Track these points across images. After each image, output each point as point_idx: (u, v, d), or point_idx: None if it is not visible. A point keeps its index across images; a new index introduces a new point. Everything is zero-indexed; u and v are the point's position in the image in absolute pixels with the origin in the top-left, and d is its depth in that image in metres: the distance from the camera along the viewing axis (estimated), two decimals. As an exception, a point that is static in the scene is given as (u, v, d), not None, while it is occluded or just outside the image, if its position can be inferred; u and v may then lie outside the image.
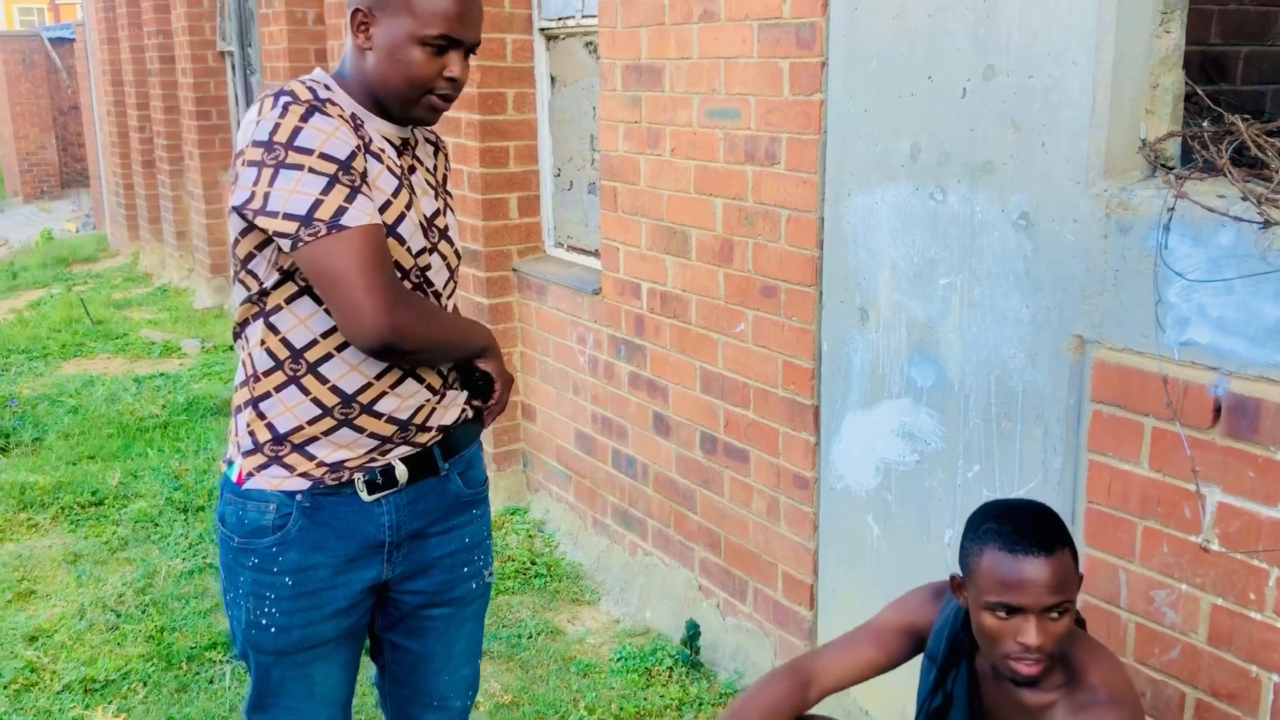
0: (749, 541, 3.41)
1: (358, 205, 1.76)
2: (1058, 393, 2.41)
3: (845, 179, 2.87)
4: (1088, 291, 2.31)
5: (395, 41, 1.85)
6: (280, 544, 1.95)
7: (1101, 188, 2.27)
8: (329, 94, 1.87)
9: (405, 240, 1.90)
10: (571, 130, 4.35)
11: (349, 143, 1.79)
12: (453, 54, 1.88)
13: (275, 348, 1.90)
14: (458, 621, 2.22)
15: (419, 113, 1.93)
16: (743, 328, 3.28)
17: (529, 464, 4.68)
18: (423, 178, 2.03)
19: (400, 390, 1.96)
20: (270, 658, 2.03)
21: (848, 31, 2.80)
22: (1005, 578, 1.84)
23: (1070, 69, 2.29)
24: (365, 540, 2.01)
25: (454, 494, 2.13)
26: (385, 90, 1.89)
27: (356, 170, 1.78)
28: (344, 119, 1.82)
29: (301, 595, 1.98)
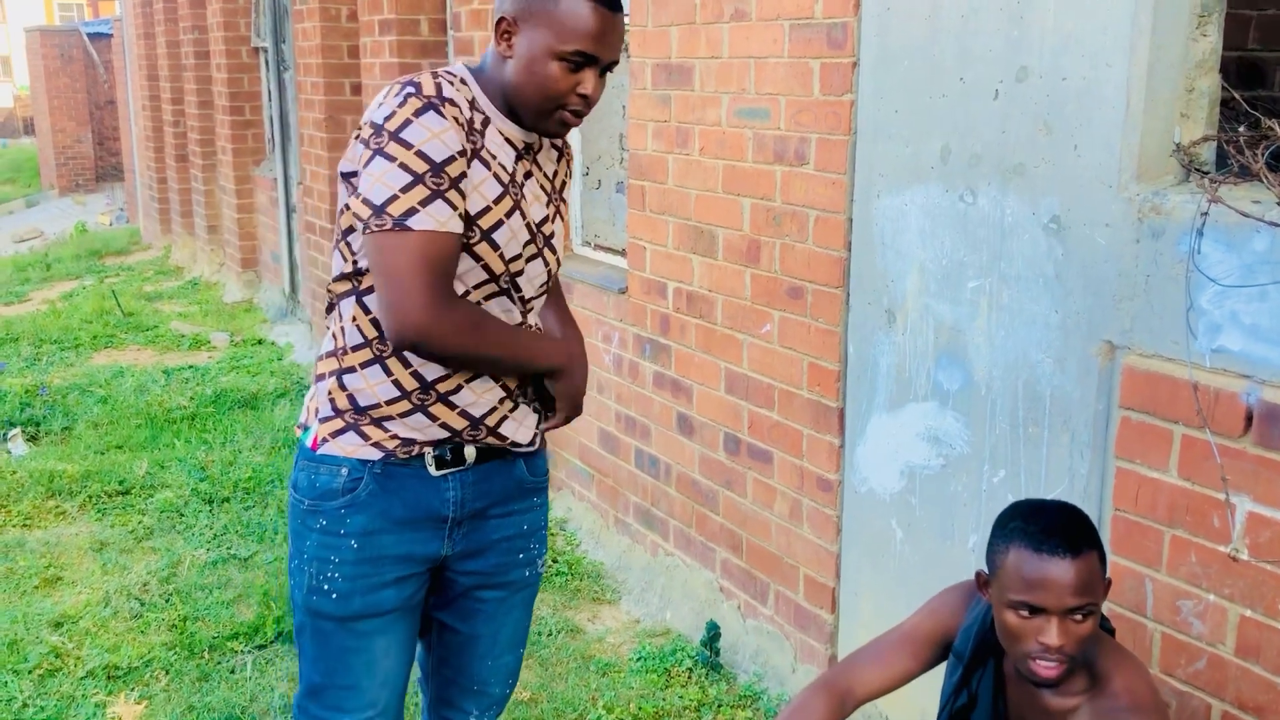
0: (771, 544, 3.39)
1: (432, 210, 1.80)
2: (1086, 398, 2.38)
3: (874, 180, 2.85)
4: (1118, 296, 2.28)
5: (534, 53, 1.87)
6: (349, 506, 1.99)
7: (1134, 191, 2.24)
8: (459, 90, 1.90)
9: (499, 246, 1.93)
10: (601, 129, 4.35)
11: (451, 147, 1.82)
12: (588, 71, 1.90)
13: (365, 326, 1.95)
14: (507, 606, 2.24)
15: (549, 125, 1.95)
16: (768, 329, 3.27)
17: (552, 462, 4.68)
18: (538, 184, 2.06)
19: (475, 385, 1.99)
20: (332, 624, 2.05)
21: (879, 32, 2.78)
22: (1029, 577, 1.82)
23: (1104, 71, 2.26)
24: (430, 513, 2.05)
25: (518, 478, 2.17)
26: (519, 98, 1.92)
27: (449, 174, 1.81)
28: (459, 122, 1.85)
29: (364, 561, 2.02)
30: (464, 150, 1.85)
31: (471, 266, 1.93)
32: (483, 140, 1.92)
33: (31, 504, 4.70)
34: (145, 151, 11.76)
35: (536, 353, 2.06)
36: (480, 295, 1.97)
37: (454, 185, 1.83)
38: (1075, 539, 1.84)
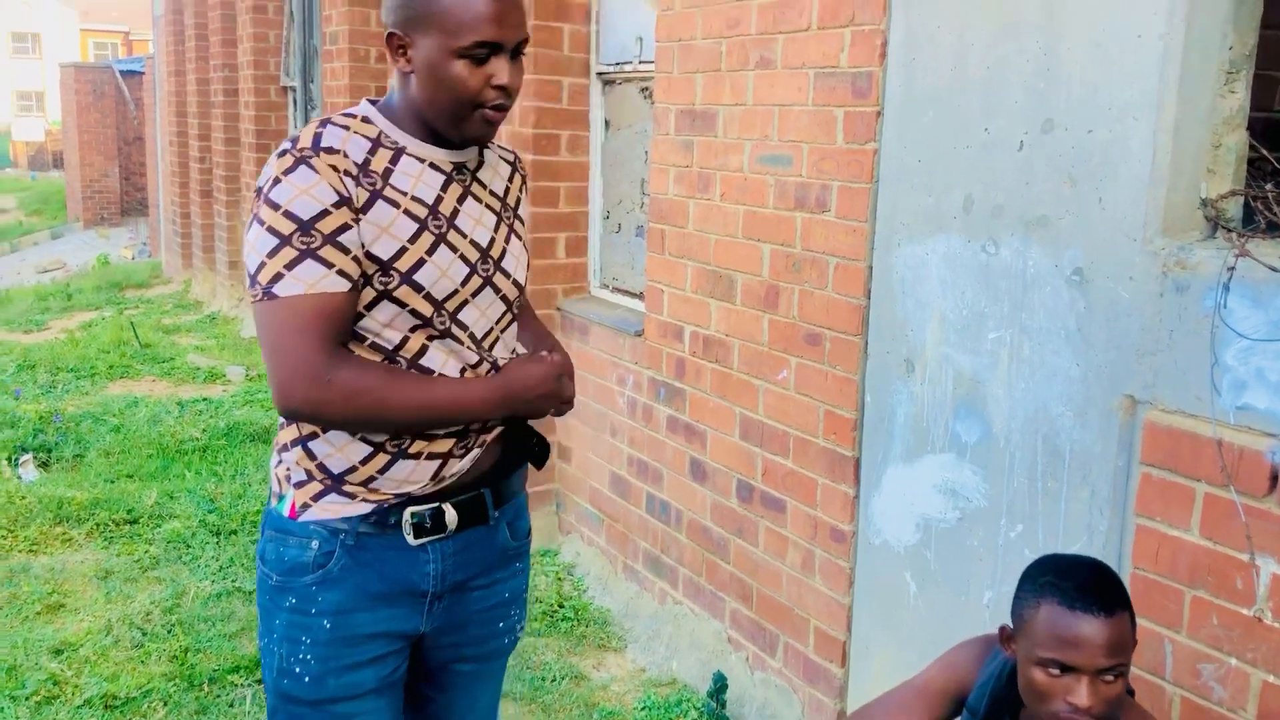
0: (782, 594, 3.34)
1: (299, 272, 1.68)
2: (1106, 453, 2.35)
3: (896, 229, 2.84)
4: (1141, 351, 2.26)
5: (433, 59, 1.74)
6: (321, 582, 1.84)
7: (1159, 245, 2.22)
8: (351, 133, 1.78)
9: (424, 287, 1.78)
10: (623, 173, 4.37)
11: (322, 200, 1.69)
12: (496, 60, 1.75)
13: None
14: (485, 675, 2.13)
15: (473, 130, 1.80)
16: (785, 375, 3.24)
17: (562, 506, 4.65)
18: (482, 204, 1.91)
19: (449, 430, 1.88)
20: (306, 708, 1.89)
21: (904, 81, 2.78)
22: (1062, 634, 1.77)
23: (1131, 125, 2.25)
24: (408, 587, 1.90)
25: (501, 545, 2.03)
26: (433, 112, 1.79)
27: (320, 231, 1.68)
28: (337, 170, 1.71)
29: (339, 640, 1.86)
30: (343, 200, 1.71)
31: (397, 313, 1.78)
32: (388, 179, 1.78)
33: (39, 529, 4.68)
34: (170, 186, 11.88)
35: (463, 400, 1.83)
36: (421, 339, 1.82)
37: (329, 240, 1.69)
38: (1110, 597, 1.79)
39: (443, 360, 1.84)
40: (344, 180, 1.72)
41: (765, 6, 3.21)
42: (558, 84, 4.34)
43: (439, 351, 1.84)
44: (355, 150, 1.77)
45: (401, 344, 1.81)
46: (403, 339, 1.81)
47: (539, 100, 4.31)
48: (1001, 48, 2.51)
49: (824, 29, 2.99)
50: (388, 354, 1.81)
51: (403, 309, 1.78)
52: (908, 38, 2.76)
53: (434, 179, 1.84)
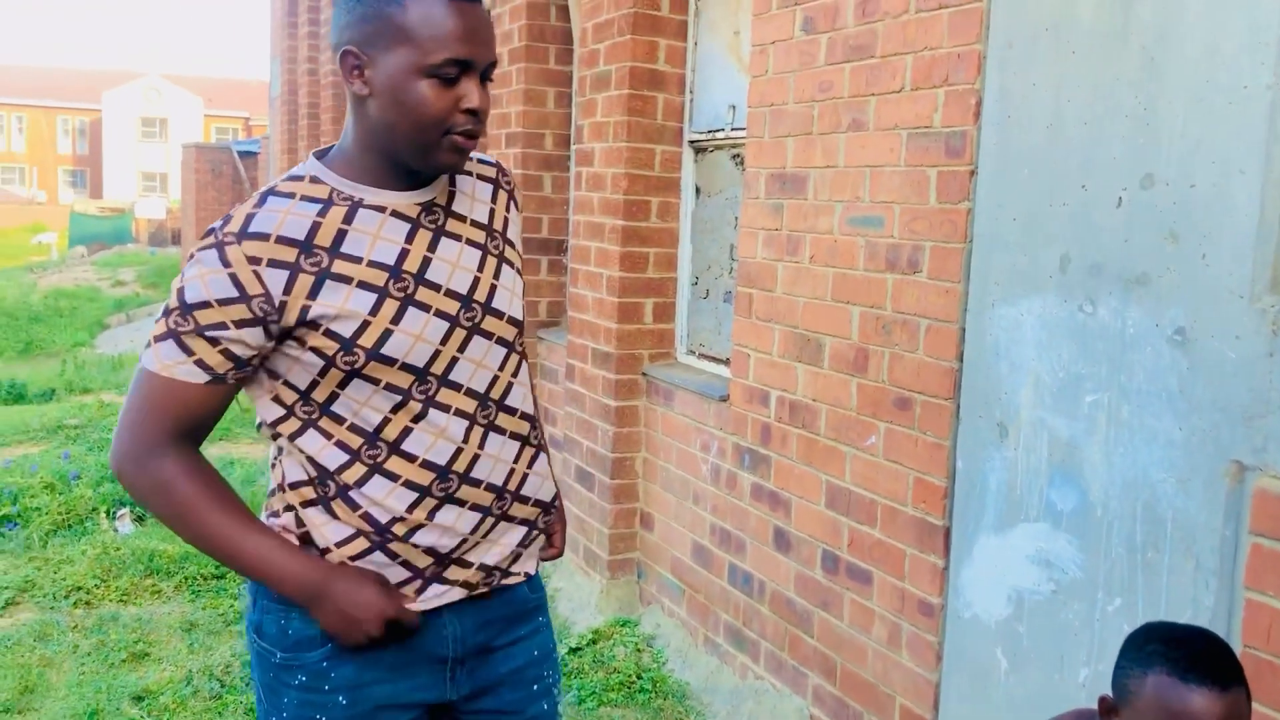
0: (867, 670, 3.22)
1: (159, 350, 1.60)
2: (1212, 522, 2.22)
3: (989, 289, 2.76)
4: (1249, 414, 2.14)
5: (396, 79, 1.58)
6: (332, 657, 1.72)
7: (1268, 303, 2.12)
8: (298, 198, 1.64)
9: (397, 359, 1.64)
10: (712, 240, 4.37)
11: (211, 292, 1.56)
12: (466, 81, 1.60)
13: (304, 464, 1.72)
14: None
15: (441, 158, 1.63)
16: (873, 441, 3.16)
17: (644, 575, 4.57)
18: (463, 241, 1.75)
19: (442, 517, 1.74)
20: None
21: (999, 140, 2.73)
22: (1174, 708, 1.62)
23: (1237, 178, 2.17)
24: (426, 653, 1.79)
25: (519, 600, 1.91)
26: (395, 138, 1.62)
27: (196, 319, 1.57)
28: (255, 261, 1.56)
29: (357, 717, 1.75)
30: (243, 298, 1.56)
31: (374, 390, 1.66)
32: (339, 247, 1.62)
33: (130, 581, 4.76)
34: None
35: (266, 569, 1.66)
36: (404, 421, 1.68)
37: (200, 331, 1.57)
38: (1226, 670, 1.65)
39: (430, 443, 1.70)
40: (263, 274, 1.57)
41: (858, 69, 3.20)
42: (650, 151, 4.38)
43: (425, 434, 1.70)
44: (295, 228, 1.61)
45: (381, 425, 1.68)
46: (383, 420, 1.68)
47: (630, 167, 4.35)
48: (1100, 104, 2.46)
49: (917, 89, 2.97)
50: (368, 437, 1.68)
51: (377, 385, 1.66)
52: (1002, 96, 2.72)
53: (397, 230, 1.67)
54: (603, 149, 4.50)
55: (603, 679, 4.03)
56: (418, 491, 1.71)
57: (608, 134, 4.47)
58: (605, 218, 4.46)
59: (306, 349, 1.62)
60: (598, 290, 4.55)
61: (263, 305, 1.58)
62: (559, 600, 4.82)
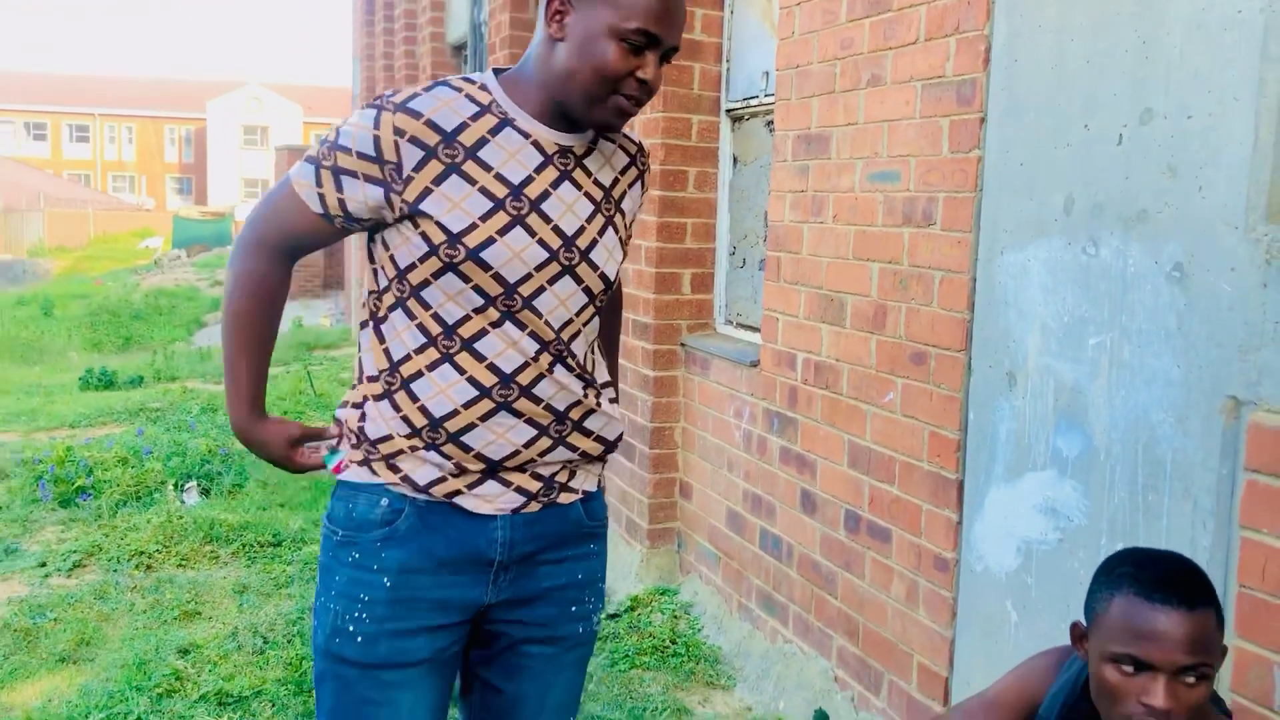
0: (887, 629, 3.19)
1: (299, 170, 1.78)
2: (1209, 461, 2.17)
3: (998, 236, 2.73)
4: (1244, 347, 2.09)
5: (591, 33, 1.70)
6: (386, 539, 1.82)
7: (1262, 232, 2.06)
8: (463, 94, 1.78)
9: (492, 266, 1.75)
10: (748, 208, 4.37)
11: (355, 143, 1.73)
12: (649, 54, 1.72)
13: (381, 355, 1.84)
14: (557, 665, 1.99)
15: (603, 114, 1.75)
16: (891, 397, 3.14)
17: (683, 544, 4.59)
18: (581, 190, 1.84)
19: (493, 423, 1.81)
20: (355, 671, 1.83)
21: (1007, 84, 2.70)
22: (1137, 627, 1.60)
23: (1232, 106, 2.12)
24: (474, 554, 1.85)
25: (575, 520, 1.95)
26: (571, 85, 1.73)
27: (334, 156, 1.74)
28: (399, 132, 1.72)
29: (397, 601, 1.82)
30: (377, 158, 1.72)
31: (462, 288, 1.76)
32: (476, 151, 1.75)
33: (190, 546, 4.93)
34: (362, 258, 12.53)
35: (229, 386, 1.87)
36: (482, 323, 1.78)
37: (333, 170, 1.75)
38: (1193, 590, 1.61)
39: (500, 349, 1.79)
40: (401, 146, 1.71)
41: (876, 24, 3.18)
42: (687, 121, 4.40)
43: (498, 340, 1.79)
44: (447, 118, 1.74)
45: (461, 322, 1.78)
46: (463, 317, 1.77)
47: (667, 137, 4.37)
48: (1101, 40, 2.41)
49: (930, 40, 2.94)
50: (446, 328, 1.78)
51: (467, 284, 1.75)
52: (1009, 40, 2.68)
53: (531, 158, 1.79)
54: (641, 120, 4.53)
55: (636, 643, 4.06)
56: (478, 390, 1.79)
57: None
58: (644, 189, 4.49)
59: (418, 232, 1.75)
60: (636, 261, 4.58)
61: (393, 173, 1.73)
62: (602, 570, 4.86)
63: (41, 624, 4.10)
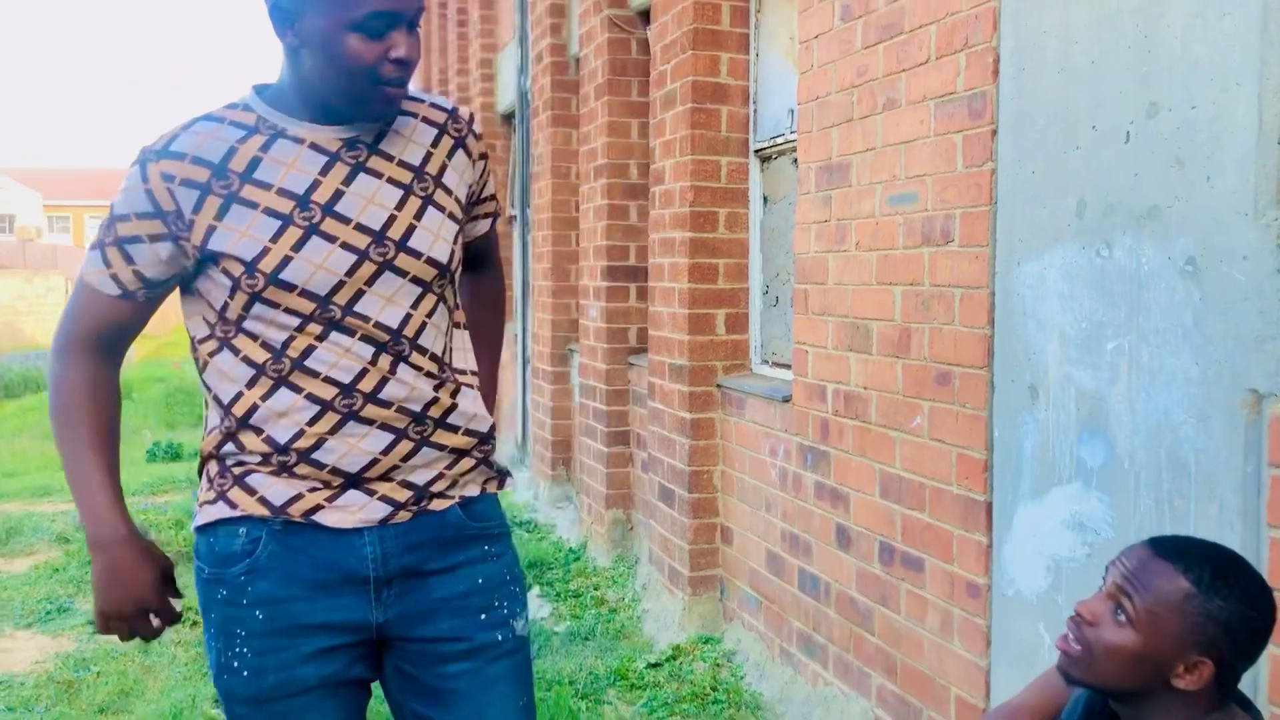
0: (923, 663, 3.08)
1: (88, 259, 1.72)
2: (1233, 460, 2.07)
3: (1015, 247, 2.67)
4: (1261, 337, 2.01)
5: (326, 32, 1.62)
6: (249, 571, 1.74)
7: (1272, 217, 1.99)
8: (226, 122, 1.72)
9: (296, 285, 1.68)
10: (779, 246, 4.35)
11: (131, 206, 1.68)
12: (394, 33, 1.64)
13: (213, 408, 1.79)
14: (484, 681, 1.86)
15: (374, 107, 1.69)
16: (918, 421, 3.06)
17: (725, 591, 4.50)
18: (383, 178, 1.76)
19: (346, 434, 1.74)
20: (246, 707, 1.78)
21: (1016, 94, 2.66)
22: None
23: (1235, 92, 2.06)
24: (345, 573, 1.77)
25: (454, 524, 1.85)
26: (326, 89, 1.67)
27: (117, 231, 1.69)
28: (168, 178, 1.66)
29: (274, 633, 1.75)
30: (157, 214, 1.67)
31: (275, 313, 1.70)
32: (251, 174, 1.69)
33: (236, 602, 4.95)
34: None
35: (79, 499, 1.73)
36: (307, 340, 1.72)
37: (117, 244, 1.69)
38: (1183, 552, 1.57)
39: (332, 360, 1.73)
40: (175, 191, 1.67)
41: (890, 48, 3.17)
42: (716, 163, 4.41)
43: (327, 351, 1.72)
44: (211, 151, 1.69)
45: (286, 343, 1.72)
46: (288, 338, 1.72)
47: (696, 180, 4.39)
48: (1104, 39, 2.38)
49: (941, 57, 2.92)
50: (275, 352, 1.73)
51: (278, 309, 1.70)
52: (1016, 49, 2.66)
53: (312, 162, 1.72)
54: (671, 165, 4.55)
55: (675, 690, 3.97)
56: (319, 405, 1.73)
57: (675, 149, 4.52)
58: (675, 231, 4.49)
59: (219, 269, 1.70)
60: (670, 305, 4.57)
61: (175, 222, 1.68)
62: (645, 620, 4.79)
63: (84, 677, 4.15)
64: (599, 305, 5.68)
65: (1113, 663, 1.58)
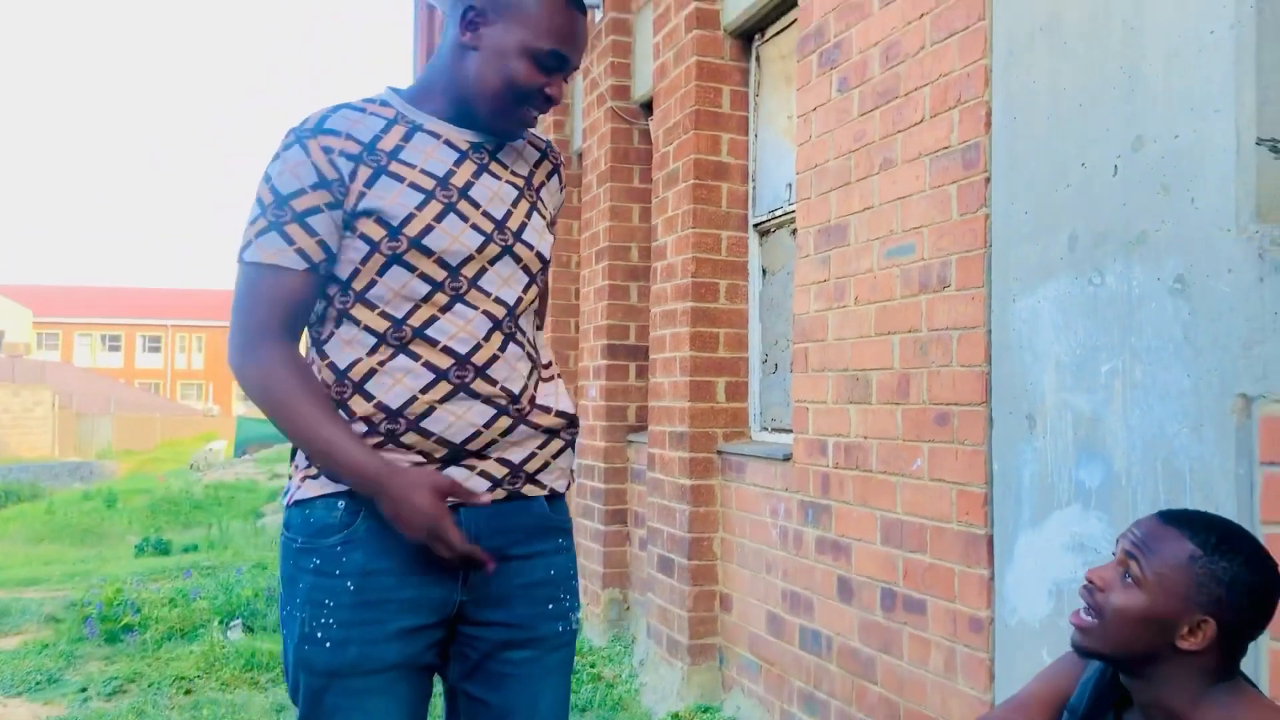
0: (927, 706, 3.10)
1: (264, 241, 1.79)
2: (1225, 464, 2.16)
3: (1009, 285, 2.80)
4: (1248, 342, 2.12)
5: (505, 47, 1.82)
6: (346, 543, 1.81)
7: (1254, 231, 2.13)
8: (361, 116, 1.86)
9: (434, 251, 1.82)
10: (778, 315, 4.48)
11: (303, 179, 1.79)
12: (557, 75, 1.87)
13: (324, 372, 1.87)
14: (541, 670, 1.95)
15: (509, 124, 1.90)
16: (919, 464, 3.15)
17: (724, 660, 4.50)
18: (502, 180, 1.94)
19: (452, 405, 1.84)
20: (322, 680, 1.81)
21: (1009, 142, 2.82)
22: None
23: (1213, 118, 2.22)
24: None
25: (540, 515, 1.97)
26: (480, 92, 1.85)
27: (293, 207, 1.79)
28: (329, 152, 1.80)
29: (363, 605, 1.81)
30: (324, 183, 1.79)
31: (409, 279, 1.82)
32: (397, 155, 1.84)
33: (231, 673, 4.92)
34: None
35: (334, 454, 1.77)
36: (431, 310, 1.83)
37: (297, 219, 1.79)
38: (1185, 519, 1.65)
39: (452, 332, 1.84)
40: (335, 161, 1.80)
41: (886, 112, 3.35)
42: (716, 236, 4.57)
43: (449, 324, 1.84)
44: (363, 131, 1.84)
45: (410, 313, 1.82)
46: (412, 308, 1.82)
47: (698, 251, 4.54)
48: (1091, 83, 2.54)
49: (935, 115, 3.10)
50: (395, 322, 1.82)
51: (412, 273, 1.81)
52: (1008, 101, 2.83)
53: (447, 154, 1.89)
54: (673, 240, 4.71)
55: (676, 754, 3.95)
56: (435, 374, 1.83)
57: (677, 225, 4.69)
58: (677, 303, 4.63)
59: (356, 236, 1.81)
60: (671, 374, 4.68)
61: (339, 189, 1.81)
62: (643, 693, 4.76)
63: (77, 738, 4.10)
64: (598, 384, 5.78)
65: (1123, 625, 1.65)
